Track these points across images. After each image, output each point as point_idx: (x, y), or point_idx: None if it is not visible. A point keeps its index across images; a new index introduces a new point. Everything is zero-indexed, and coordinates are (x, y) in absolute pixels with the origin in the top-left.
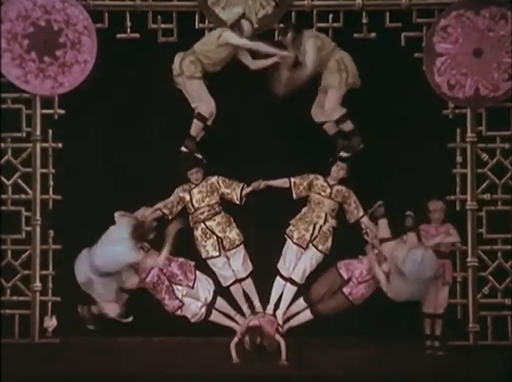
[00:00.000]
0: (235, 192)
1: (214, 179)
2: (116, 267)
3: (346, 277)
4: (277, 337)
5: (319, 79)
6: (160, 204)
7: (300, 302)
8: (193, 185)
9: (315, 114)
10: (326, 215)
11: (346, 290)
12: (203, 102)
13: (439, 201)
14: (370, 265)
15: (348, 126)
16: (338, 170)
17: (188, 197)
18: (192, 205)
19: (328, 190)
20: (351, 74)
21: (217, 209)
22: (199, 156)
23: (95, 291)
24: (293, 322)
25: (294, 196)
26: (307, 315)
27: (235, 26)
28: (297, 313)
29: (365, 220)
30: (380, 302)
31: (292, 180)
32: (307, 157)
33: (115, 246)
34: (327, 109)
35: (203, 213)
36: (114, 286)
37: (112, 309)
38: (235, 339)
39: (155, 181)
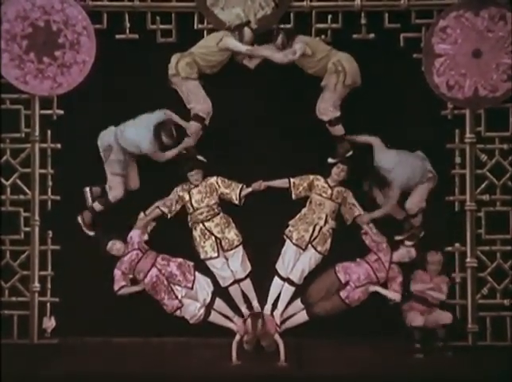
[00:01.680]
0: (234, 192)
1: (213, 179)
2: (132, 147)
3: (343, 281)
4: (276, 337)
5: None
6: (160, 203)
7: (298, 304)
8: (192, 185)
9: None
10: (326, 216)
11: (343, 293)
12: (199, 102)
13: (437, 253)
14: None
15: (339, 130)
16: (339, 172)
17: (187, 197)
18: (191, 205)
19: (329, 191)
20: (349, 75)
21: (216, 210)
22: (200, 157)
23: (109, 161)
24: (289, 323)
25: (293, 196)
26: (303, 316)
27: (236, 30)
28: (294, 315)
29: (360, 220)
30: (379, 303)
31: (292, 180)
32: (307, 158)
33: (141, 129)
34: (321, 109)
35: (202, 214)
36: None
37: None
38: (237, 336)
39: (154, 180)
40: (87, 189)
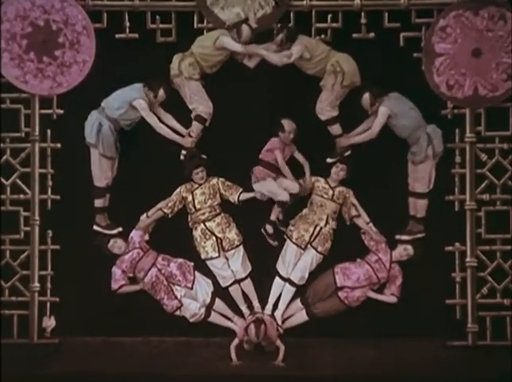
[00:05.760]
0: (232, 196)
1: (215, 180)
2: (119, 103)
3: (339, 284)
4: (277, 341)
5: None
6: (162, 204)
7: (297, 304)
8: (196, 186)
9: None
10: (327, 217)
11: (342, 294)
12: (201, 103)
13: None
14: None
15: (336, 130)
16: (338, 171)
17: (189, 198)
18: (194, 206)
19: (330, 192)
20: (347, 76)
21: (217, 210)
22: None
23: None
24: (289, 323)
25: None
26: (302, 316)
27: (235, 29)
28: (293, 315)
29: (358, 221)
30: (378, 303)
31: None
32: (307, 157)
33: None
34: (318, 108)
35: (203, 214)
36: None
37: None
38: (236, 340)
39: (154, 181)
40: None
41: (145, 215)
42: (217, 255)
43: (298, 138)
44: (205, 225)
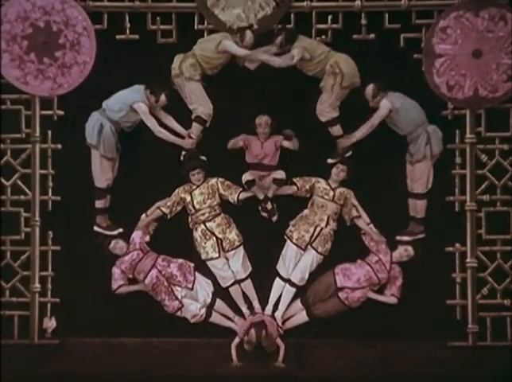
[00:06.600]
0: (232, 196)
1: (214, 180)
2: (120, 106)
3: (339, 285)
4: (278, 340)
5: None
6: (161, 203)
7: (298, 304)
8: (194, 186)
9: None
10: (328, 218)
11: (342, 294)
12: (201, 104)
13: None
14: None
15: (337, 131)
16: (338, 172)
17: (188, 198)
18: (193, 207)
19: (331, 193)
20: (346, 77)
21: (217, 211)
22: (203, 157)
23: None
24: (289, 324)
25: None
26: (303, 317)
27: (238, 33)
28: (294, 315)
29: (358, 221)
30: (378, 304)
31: (296, 181)
32: (307, 158)
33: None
34: (319, 109)
35: (203, 214)
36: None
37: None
38: (236, 339)
39: (155, 182)
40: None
41: (144, 215)
42: (217, 255)
43: (299, 139)
44: (205, 226)
